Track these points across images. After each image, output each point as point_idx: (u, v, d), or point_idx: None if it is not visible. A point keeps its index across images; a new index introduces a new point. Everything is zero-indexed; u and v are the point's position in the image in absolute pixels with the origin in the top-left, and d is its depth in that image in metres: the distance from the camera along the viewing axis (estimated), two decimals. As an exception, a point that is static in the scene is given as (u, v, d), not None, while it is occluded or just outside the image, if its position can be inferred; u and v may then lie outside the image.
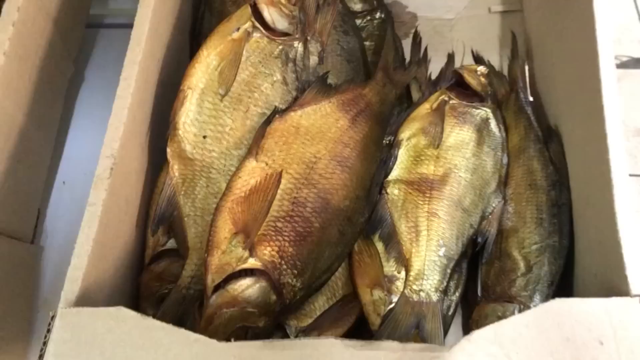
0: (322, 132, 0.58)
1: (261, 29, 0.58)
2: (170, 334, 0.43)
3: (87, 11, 0.74)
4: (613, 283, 0.44)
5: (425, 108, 0.66)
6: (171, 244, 0.56)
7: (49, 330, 0.44)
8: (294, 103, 0.58)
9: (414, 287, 0.55)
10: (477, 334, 0.41)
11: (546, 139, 0.62)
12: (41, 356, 0.43)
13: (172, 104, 0.56)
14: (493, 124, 0.65)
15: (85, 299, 0.45)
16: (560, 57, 0.64)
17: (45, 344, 0.43)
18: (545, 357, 0.40)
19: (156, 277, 0.55)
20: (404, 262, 0.57)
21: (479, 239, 0.59)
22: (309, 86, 0.60)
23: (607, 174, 0.47)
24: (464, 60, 0.75)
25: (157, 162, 0.58)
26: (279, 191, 0.54)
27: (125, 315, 0.43)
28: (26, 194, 0.62)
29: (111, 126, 0.50)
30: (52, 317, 0.44)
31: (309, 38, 0.62)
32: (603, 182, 0.47)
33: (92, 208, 0.47)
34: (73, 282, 0.45)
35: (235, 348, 0.42)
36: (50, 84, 0.63)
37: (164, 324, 0.43)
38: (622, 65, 2.45)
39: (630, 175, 1.62)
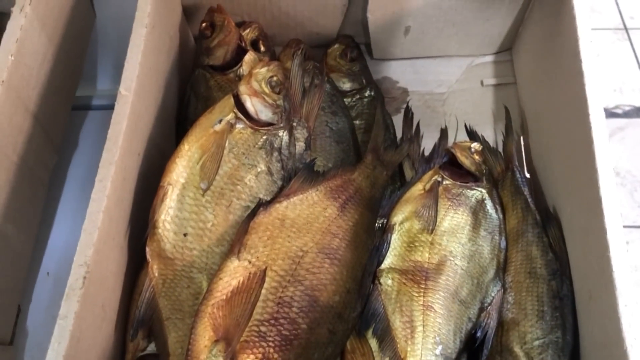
0: (309, 222, 0.56)
1: (244, 119, 0.57)
2: None
3: (72, 96, 0.73)
4: (622, 397, 0.40)
5: (418, 189, 0.64)
6: (151, 348, 0.53)
7: None
8: (280, 194, 0.56)
9: (410, 392, 0.51)
10: None
11: (544, 222, 0.60)
12: None
13: (153, 197, 0.54)
14: (489, 205, 0.63)
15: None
16: (554, 134, 0.62)
17: None
18: None
19: (135, 386, 0.52)
20: (400, 363, 0.53)
21: (479, 333, 0.55)
22: (295, 174, 0.58)
23: (608, 272, 0.44)
24: (457, 134, 0.74)
25: (138, 259, 0.56)
26: (263, 291, 0.51)
27: None
28: (4, 294, 0.60)
29: (85, 232, 0.48)
30: None
31: (294, 124, 0.60)
32: (605, 280, 0.44)
33: (62, 322, 0.45)
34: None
35: None
36: (30, 179, 0.61)
37: None
38: (625, 114, 2.42)
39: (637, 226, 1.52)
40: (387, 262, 0.59)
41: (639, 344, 0.41)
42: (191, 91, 0.68)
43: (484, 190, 0.64)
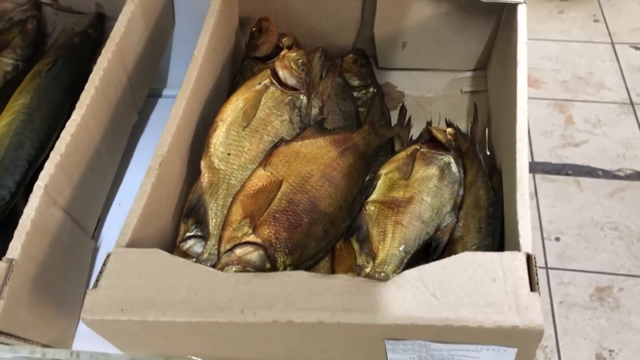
0: (316, 158, 0.77)
1: (276, 84, 0.80)
2: (189, 267, 0.60)
3: (150, 78, 0.98)
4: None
5: (401, 155, 0.85)
6: (196, 232, 0.74)
7: (104, 264, 0.61)
8: (296, 137, 0.79)
9: (377, 270, 0.71)
10: (406, 273, 0.57)
11: (491, 174, 0.80)
12: (97, 280, 0.60)
13: (206, 135, 0.77)
14: (454, 167, 0.84)
15: (132, 246, 0.63)
16: (502, 120, 0.84)
17: (101, 272, 0.61)
18: (453, 289, 0.55)
19: (182, 253, 0.72)
20: (373, 256, 0.73)
21: (433, 243, 0.75)
22: (309, 126, 0.80)
23: (514, 178, 0.64)
24: (439, 125, 0.95)
25: (192, 177, 0.78)
26: (279, 193, 0.72)
27: (159, 254, 0.61)
28: (93, 199, 0.82)
29: (162, 137, 0.70)
30: (108, 256, 0.62)
31: (312, 96, 0.83)
32: (512, 184, 0.64)
33: (143, 187, 0.67)
34: (125, 234, 0.63)
35: (234, 276, 0.59)
36: (120, 121, 0.85)
37: (186, 261, 0.61)
38: (627, 177, 2.64)
39: (635, 275, 1.75)
40: (372, 197, 0.80)
41: (527, 218, 0.60)
42: (240, 76, 0.93)
43: (451, 157, 0.84)
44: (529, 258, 0.56)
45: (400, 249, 0.73)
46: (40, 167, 0.68)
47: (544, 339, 2.06)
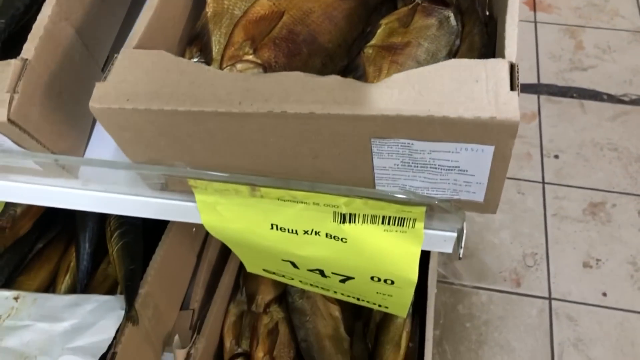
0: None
1: None
2: (193, 66, 0.64)
3: None
4: (498, 64, 0.63)
5: (403, 9, 0.88)
6: (200, 59, 0.78)
7: (112, 63, 0.65)
8: (300, -21, 0.81)
9: (370, 97, 0.75)
10: (394, 75, 0.60)
11: (487, 23, 0.83)
12: (105, 75, 0.64)
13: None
14: (452, 20, 0.86)
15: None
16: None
17: (109, 70, 0.65)
18: (437, 88, 0.59)
19: (187, 76, 0.76)
20: (367, 88, 0.76)
21: (425, 81, 0.78)
22: (312, -28, 0.82)
23: (504, 13, 0.67)
24: (442, -9, 0.97)
25: (197, 13, 0.81)
26: (280, 23, 0.75)
27: (165, 54, 0.65)
28: (103, 32, 0.85)
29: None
30: (116, 56, 0.66)
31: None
32: (503, 21, 0.67)
33: (151, 2, 0.70)
34: (133, 40, 0.67)
35: (234, 74, 0.63)
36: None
37: (189, 61, 0.64)
38: (632, 102, 2.65)
39: (629, 193, 1.81)
40: (371, 43, 0.82)
41: (513, 33, 0.63)
42: None
43: (450, 12, 0.87)
44: (512, 66, 0.60)
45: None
46: None
47: (534, 247, 2.13)
